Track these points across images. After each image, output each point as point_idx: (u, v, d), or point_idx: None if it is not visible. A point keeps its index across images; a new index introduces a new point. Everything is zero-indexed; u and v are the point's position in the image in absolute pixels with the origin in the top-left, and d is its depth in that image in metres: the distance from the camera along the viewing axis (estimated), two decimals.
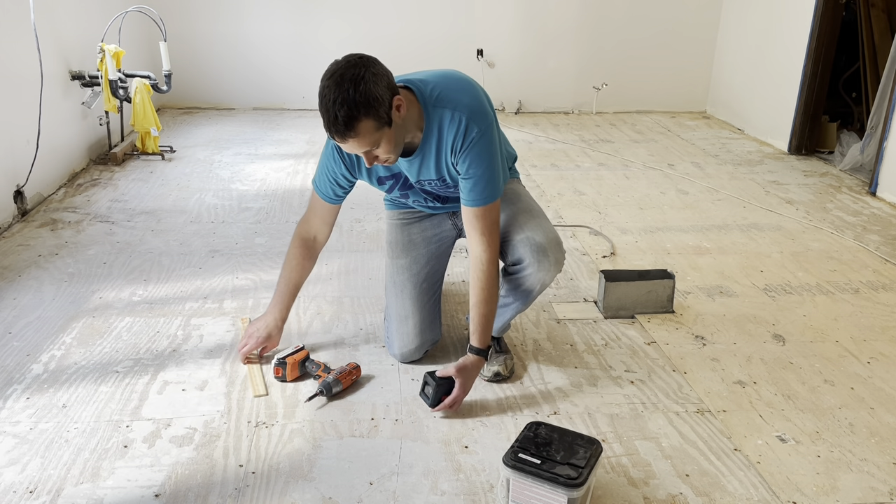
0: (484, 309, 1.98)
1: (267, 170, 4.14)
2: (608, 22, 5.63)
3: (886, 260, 3.08)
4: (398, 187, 2.10)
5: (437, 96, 1.86)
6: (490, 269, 1.95)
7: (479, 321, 1.98)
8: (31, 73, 3.43)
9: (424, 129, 1.88)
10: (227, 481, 1.72)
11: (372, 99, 1.67)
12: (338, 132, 1.70)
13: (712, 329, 2.49)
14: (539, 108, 5.80)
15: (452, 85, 1.90)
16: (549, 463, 1.57)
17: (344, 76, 1.67)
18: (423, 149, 1.91)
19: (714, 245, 3.20)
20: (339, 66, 1.69)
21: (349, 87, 1.65)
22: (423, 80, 1.89)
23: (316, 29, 5.45)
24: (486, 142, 1.88)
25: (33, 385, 2.07)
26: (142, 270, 2.82)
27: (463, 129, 1.85)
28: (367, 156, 1.80)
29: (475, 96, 1.90)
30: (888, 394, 2.14)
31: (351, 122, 1.67)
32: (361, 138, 1.71)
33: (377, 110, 1.69)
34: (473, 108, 1.87)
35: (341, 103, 1.65)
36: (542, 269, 2.01)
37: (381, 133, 1.73)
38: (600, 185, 4.00)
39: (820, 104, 4.62)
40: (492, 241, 1.95)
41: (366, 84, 1.67)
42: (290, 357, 2.11)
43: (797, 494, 1.73)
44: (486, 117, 1.88)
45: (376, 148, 1.77)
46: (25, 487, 1.68)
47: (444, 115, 1.86)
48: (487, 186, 1.90)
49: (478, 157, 1.88)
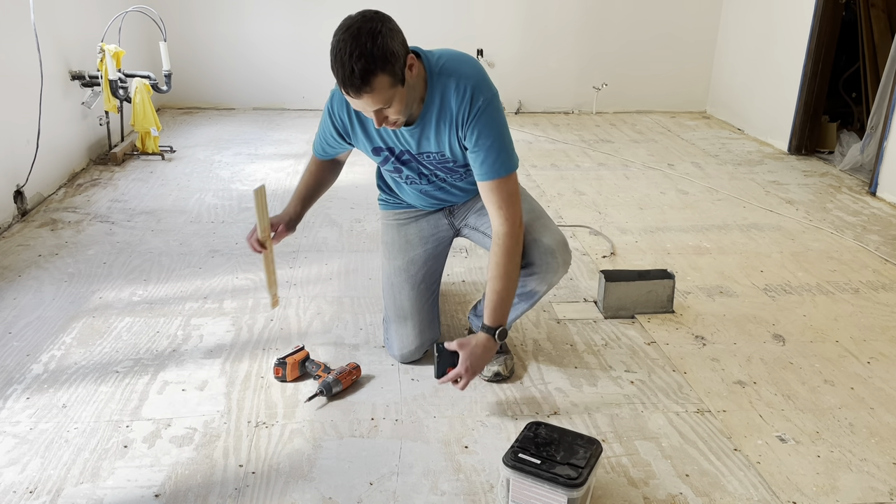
0: (496, 285, 1.88)
1: (267, 170, 4.14)
2: (608, 22, 5.63)
3: (886, 260, 3.08)
4: (392, 161, 2.02)
5: (442, 65, 1.83)
6: (507, 242, 1.87)
7: (491, 297, 1.90)
8: (31, 73, 3.43)
9: (426, 98, 1.83)
10: (227, 481, 1.72)
11: (389, 54, 1.62)
12: (353, 86, 1.63)
13: (712, 329, 2.49)
14: (539, 108, 5.80)
15: (457, 57, 1.87)
16: (549, 463, 1.57)
17: (361, 29, 1.62)
18: (424, 118, 1.85)
19: (714, 245, 3.20)
20: (355, 21, 1.64)
21: (367, 41, 1.60)
22: (430, 50, 1.86)
23: (316, 29, 5.45)
24: (493, 110, 1.83)
25: (33, 385, 2.07)
26: (142, 270, 2.82)
27: (469, 98, 1.80)
28: (377, 115, 1.73)
29: (479, 69, 1.87)
30: (888, 394, 2.14)
31: (367, 76, 1.61)
32: (376, 94, 1.65)
33: (393, 66, 1.64)
34: (478, 78, 1.83)
35: (358, 56, 1.60)
36: (550, 270, 2.00)
37: (394, 91, 1.68)
38: (600, 185, 4.00)
39: (820, 104, 4.61)
40: (510, 213, 1.86)
41: (383, 38, 1.62)
42: (290, 357, 2.11)
43: (797, 494, 1.73)
44: (490, 88, 1.84)
45: (388, 107, 1.71)
46: (25, 487, 1.68)
47: (449, 84, 1.81)
48: (500, 156, 1.84)
49: (486, 127, 1.82)
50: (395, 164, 2.04)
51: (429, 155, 1.96)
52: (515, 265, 1.91)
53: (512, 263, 1.89)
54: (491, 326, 1.90)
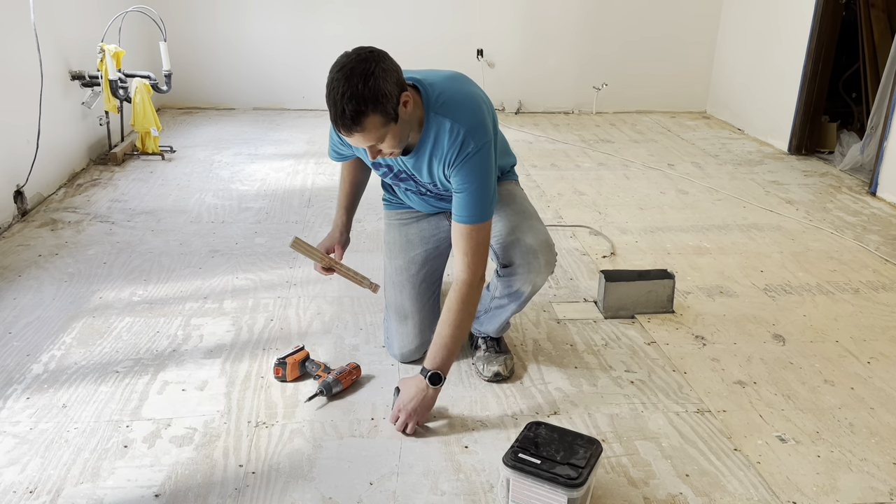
0: (443, 330, 1.88)
1: (267, 170, 4.14)
2: (608, 22, 5.63)
3: (886, 260, 3.08)
4: (390, 176, 2.07)
5: (441, 103, 1.83)
6: (463, 290, 1.87)
7: (435, 339, 1.90)
8: (31, 73, 3.43)
9: (422, 133, 1.84)
10: (227, 481, 1.72)
11: (380, 95, 1.65)
12: (344, 126, 1.67)
13: (712, 329, 2.49)
14: (539, 108, 5.80)
15: (458, 94, 1.87)
16: (549, 463, 1.57)
17: (354, 70, 1.64)
18: (419, 151, 1.87)
19: (714, 245, 3.20)
20: (350, 59, 1.66)
21: (358, 82, 1.63)
22: (432, 84, 1.85)
23: (316, 29, 5.45)
24: (482, 158, 1.83)
25: (33, 385, 2.07)
26: (142, 270, 2.82)
27: (459, 142, 1.81)
28: (370, 150, 1.77)
29: (478, 110, 1.86)
30: (888, 394, 2.14)
31: (358, 116, 1.65)
32: (367, 133, 1.69)
33: (385, 106, 1.67)
34: (474, 123, 1.83)
35: (350, 98, 1.63)
36: (533, 271, 2.00)
37: (387, 129, 1.71)
38: (600, 185, 4.00)
39: (820, 104, 4.61)
40: (474, 262, 1.87)
41: (375, 80, 1.64)
42: (290, 357, 2.11)
43: (797, 494, 1.73)
44: (485, 134, 1.84)
45: (381, 143, 1.75)
46: (25, 487, 1.68)
47: (444, 125, 1.82)
48: (478, 205, 1.85)
49: (471, 173, 1.83)
50: (393, 180, 2.09)
51: (422, 184, 2.01)
52: (468, 315, 1.89)
53: (464, 313, 1.87)
54: (426, 367, 1.89)
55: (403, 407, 1.90)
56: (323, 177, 4.03)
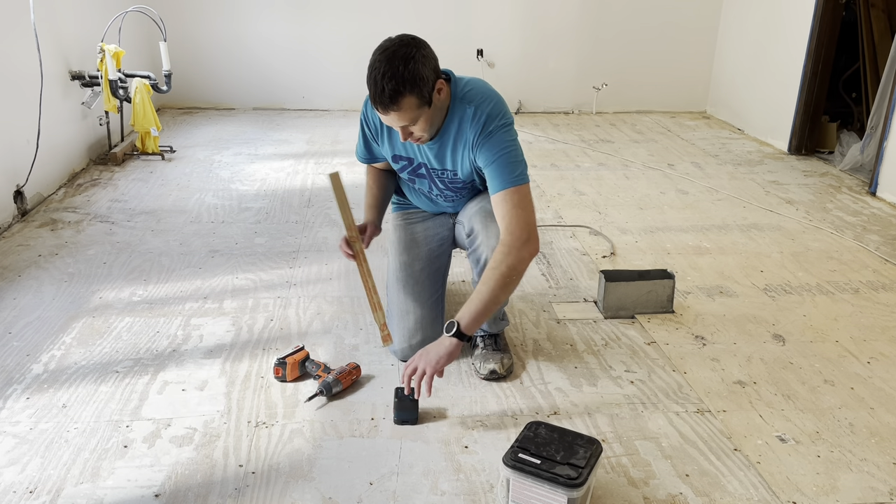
0: (478, 287, 1.87)
1: (267, 170, 4.14)
2: (608, 22, 5.63)
3: (886, 260, 3.08)
4: (408, 170, 2.15)
5: (466, 92, 1.96)
6: (501, 250, 1.85)
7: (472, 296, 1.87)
8: (31, 73, 3.43)
9: (447, 119, 1.96)
10: (227, 481, 1.72)
11: (418, 78, 1.77)
12: (382, 104, 1.79)
13: (712, 329, 2.49)
14: (539, 108, 5.80)
15: (484, 88, 1.99)
16: (549, 463, 1.57)
17: (396, 53, 1.77)
18: (443, 137, 1.99)
19: (714, 245, 3.20)
20: (393, 44, 1.80)
21: (399, 64, 1.75)
22: (460, 77, 2.00)
23: (316, 29, 5.46)
24: (505, 133, 1.94)
25: (33, 385, 2.07)
26: (142, 270, 2.82)
27: (482, 123, 1.93)
28: (403, 131, 1.88)
29: (500, 102, 1.98)
30: (888, 394, 2.14)
31: (396, 96, 1.77)
32: (403, 113, 1.80)
33: (421, 89, 1.79)
34: (495, 108, 1.95)
35: (390, 77, 1.75)
36: (491, 235, 2.02)
37: (420, 111, 1.83)
38: (600, 185, 4.00)
39: (820, 104, 4.61)
40: (513, 224, 1.86)
41: (415, 63, 1.77)
42: (290, 357, 2.11)
43: (797, 494, 1.73)
44: (506, 116, 1.96)
45: (413, 125, 1.86)
46: (25, 487, 1.68)
47: (467, 111, 1.94)
48: (506, 169, 1.91)
49: (496, 145, 1.92)
50: (410, 175, 2.16)
51: (443, 171, 2.08)
52: (500, 276, 1.85)
53: (496, 272, 1.85)
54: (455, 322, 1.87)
55: (422, 355, 1.87)
56: (323, 177, 4.03)
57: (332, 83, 5.58)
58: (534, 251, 1.89)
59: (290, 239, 3.16)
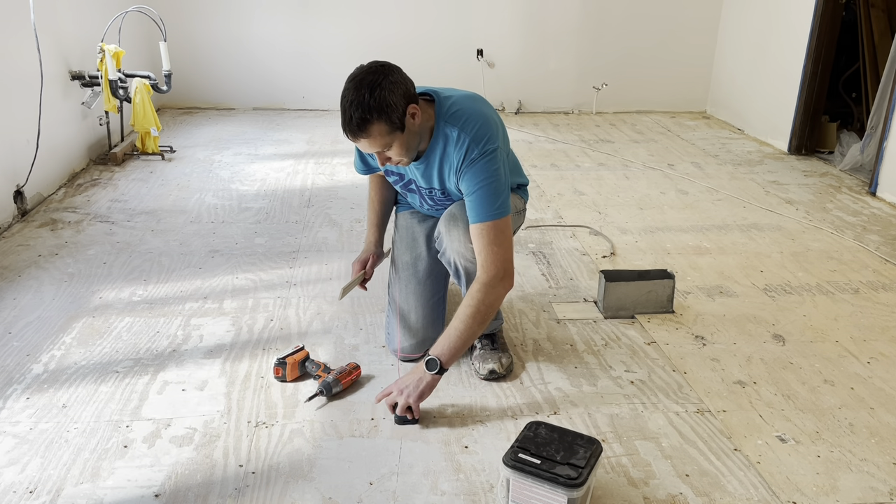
0: (453, 322, 1.90)
1: (267, 170, 4.14)
2: (608, 22, 5.63)
3: (886, 260, 3.08)
4: (400, 185, 2.17)
5: (452, 112, 1.94)
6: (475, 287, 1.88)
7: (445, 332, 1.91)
8: (31, 73, 3.43)
9: (432, 139, 1.95)
10: (227, 481, 1.72)
11: (385, 105, 1.77)
12: (351, 132, 1.81)
13: (712, 329, 2.49)
14: (539, 108, 5.80)
15: (470, 109, 1.95)
16: (549, 463, 1.57)
17: (363, 81, 1.78)
18: (429, 157, 1.99)
19: (714, 245, 3.20)
20: (361, 72, 1.81)
21: (365, 92, 1.77)
22: (447, 96, 1.97)
23: (316, 29, 5.46)
24: (486, 162, 1.89)
25: (33, 385, 2.07)
26: (142, 270, 2.82)
27: (464, 149, 1.91)
28: (379, 156, 1.90)
29: (485, 124, 1.92)
30: (888, 394, 2.14)
31: (363, 123, 1.78)
32: (373, 139, 1.81)
33: (390, 115, 1.79)
34: (479, 133, 1.90)
35: (356, 106, 1.77)
36: (453, 238, 2.01)
37: (392, 137, 1.83)
38: (600, 185, 4.00)
39: (820, 104, 4.62)
40: (487, 260, 1.88)
41: (381, 90, 1.77)
42: (290, 357, 2.11)
43: (797, 494, 1.73)
44: (489, 142, 1.90)
45: (388, 150, 1.86)
46: (25, 487, 1.68)
47: (452, 133, 1.92)
48: (484, 204, 1.89)
49: (476, 175, 1.90)
50: (403, 189, 2.19)
51: (431, 190, 2.09)
52: (477, 312, 1.87)
53: (472, 309, 1.87)
54: (428, 352, 1.92)
55: (396, 383, 1.95)
56: (323, 177, 4.03)
57: (333, 83, 5.54)
58: (508, 287, 1.92)
59: (290, 239, 3.17)
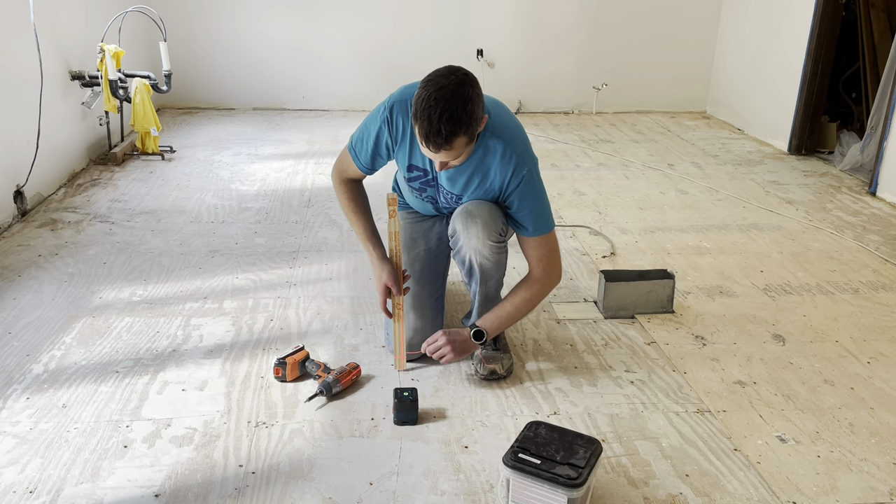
0: (504, 302, 2.09)
1: (267, 170, 4.14)
2: (608, 22, 5.63)
3: (886, 260, 3.08)
4: (420, 181, 2.14)
5: (494, 126, 1.95)
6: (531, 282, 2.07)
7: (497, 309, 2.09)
8: (31, 73, 3.43)
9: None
10: (227, 481, 1.72)
11: (472, 119, 1.78)
12: (436, 143, 1.78)
13: (712, 329, 2.49)
14: (539, 108, 5.80)
15: (508, 120, 2.01)
16: (549, 463, 1.57)
17: (455, 93, 1.74)
18: (461, 164, 1.98)
19: (714, 245, 3.20)
20: (450, 82, 1.76)
21: (459, 106, 1.74)
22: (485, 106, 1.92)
23: (316, 29, 5.45)
24: (534, 178, 1.99)
25: (33, 385, 2.07)
26: (142, 270, 2.82)
27: (514, 165, 1.95)
28: (441, 163, 1.88)
29: (525, 137, 2.03)
30: (888, 394, 2.14)
31: (451, 137, 1.76)
32: (453, 151, 1.81)
33: (473, 129, 1.80)
34: (524, 148, 1.99)
35: (448, 119, 1.73)
36: (471, 235, 2.03)
37: (468, 148, 1.86)
38: (600, 185, 4.00)
39: (820, 104, 4.62)
40: (548, 265, 2.06)
41: (472, 105, 1.76)
42: (290, 357, 2.11)
43: (797, 494, 1.73)
44: (532, 157, 2.01)
45: (455, 158, 1.87)
46: (25, 487, 1.68)
47: (496, 146, 1.94)
48: (540, 219, 2.02)
49: (529, 193, 1.99)
50: (422, 185, 2.15)
51: (450, 193, 2.10)
52: (527, 300, 2.08)
53: (524, 297, 2.07)
54: (475, 326, 2.08)
55: (446, 334, 2.08)
56: (323, 177, 4.02)
57: (333, 83, 5.58)
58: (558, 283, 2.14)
59: (290, 239, 3.16)
